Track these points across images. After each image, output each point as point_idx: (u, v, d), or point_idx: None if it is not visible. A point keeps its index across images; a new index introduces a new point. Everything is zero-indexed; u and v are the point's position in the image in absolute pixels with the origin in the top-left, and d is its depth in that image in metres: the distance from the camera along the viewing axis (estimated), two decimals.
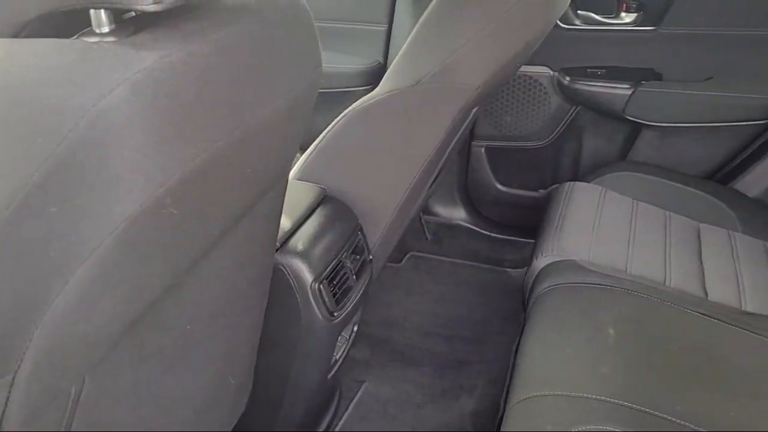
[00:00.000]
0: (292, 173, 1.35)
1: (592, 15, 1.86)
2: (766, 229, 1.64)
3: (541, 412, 1.06)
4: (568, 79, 1.90)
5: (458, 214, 2.16)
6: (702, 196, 1.73)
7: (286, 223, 1.18)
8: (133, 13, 0.58)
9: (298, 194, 1.27)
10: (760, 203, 1.79)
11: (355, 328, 1.39)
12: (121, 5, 0.52)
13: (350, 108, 1.28)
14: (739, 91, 1.81)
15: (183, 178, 0.54)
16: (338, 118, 1.29)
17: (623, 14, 1.84)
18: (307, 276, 1.14)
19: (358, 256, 1.30)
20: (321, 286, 1.16)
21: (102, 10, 0.54)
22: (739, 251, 1.54)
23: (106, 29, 0.55)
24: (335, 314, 1.19)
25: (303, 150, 1.36)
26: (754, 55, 1.79)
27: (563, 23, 1.86)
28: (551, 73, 1.92)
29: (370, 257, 1.35)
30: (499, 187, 2.11)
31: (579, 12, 1.87)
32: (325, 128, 1.30)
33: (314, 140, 1.32)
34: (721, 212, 1.68)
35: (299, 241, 1.17)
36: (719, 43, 1.80)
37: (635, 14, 1.82)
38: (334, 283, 1.21)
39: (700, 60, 1.82)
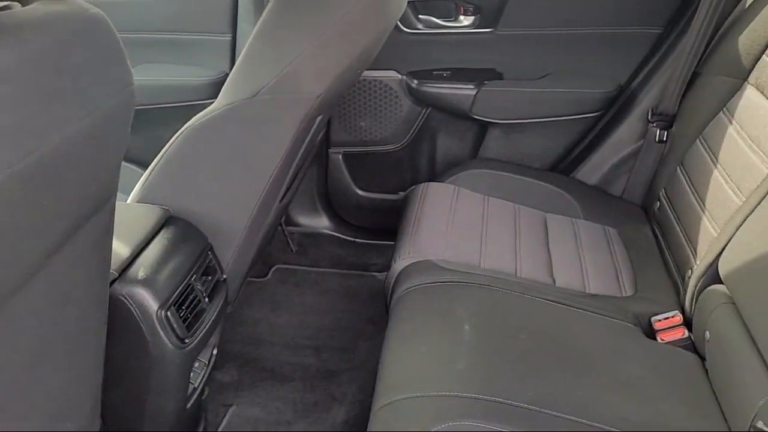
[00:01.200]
0: (132, 195, 1.28)
1: (433, 19, 1.92)
2: (605, 214, 1.75)
3: (402, 416, 1.07)
4: (415, 82, 1.94)
5: (321, 223, 2.15)
6: (547, 187, 1.83)
7: (124, 250, 1.12)
8: None
9: (138, 218, 1.20)
10: (598, 190, 1.91)
11: (215, 351, 1.33)
12: None
13: (187, 124, 1.23)
14: (572, 86, 1.92)
15: None
16: (175, 136, 1.24)
17: (462, 17, 1.90)
18: (152, 304, 1.09)
19: (209, 277, 1.26)
20: (168, 313, 1.10)
21: None
22: (582, 237, 1.63)
23: None
24: (187, 340, 1.14)
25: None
26: (583, 53, 1.91)
27: (406, 27, 1.90)
28: (399, 76, 1.95)
29: (224, 277, 1.31)
30: (360, 192, 2.12)
31: (420, 16, 1.91)
32: None
33: None
34: (564, 201, 1.78)
35: (140, 268, 1.11)
36: (552, 42, 1.90)
37: (473, 17, 1.89)
38: (184, 307, 1.15)
39: (535, 59, 1.92)
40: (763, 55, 1.46)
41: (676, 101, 1.74)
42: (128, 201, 1.28)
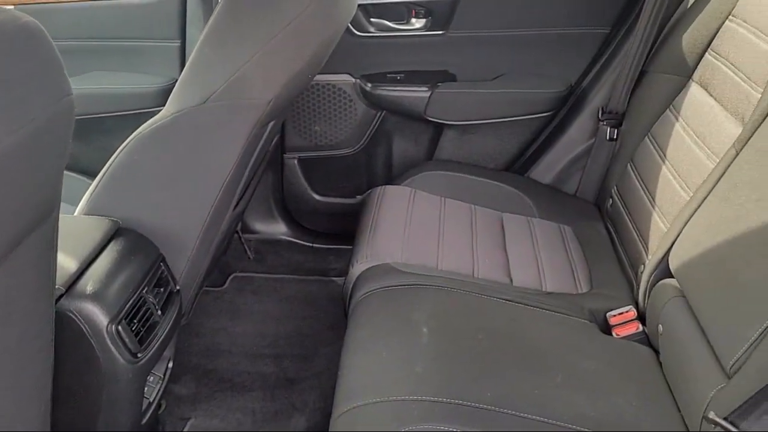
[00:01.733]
0: (79, 207, 1.25)
1: (385, 22, 1.91)
2: (560, 212, 1.78)
3: (362, 422, 1.06)
4: (369, 85, 1.94)
5: (278, 229, 2.13)
6: (502, 187, 1.84)
7: (71, 264, 1.08)
8: None
9: (85, 230, 1.17)
10: (553, 189, 1.94)
11: (170, 364, 1.31)
12: None
13: (135, 133, 1.20)
14: (524, 87, 1.94)
15: None
16: (123, 145, 1.21)
17: (413, 20, 1.91)
18: (101, 319, 1.06)
19: (162, 289, 1.23)
20: (119, 327, 1.08)
21: None
22: (538, 235, 1.65)
23: None
24: (139, 355, 1.11)
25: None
26: (534, 54, 1.93)
27: (358, 31, 1.89)
28: (353, 80, 1.94)
29: (177, 288, 1.28)
30: (317, 197, 2.10)
31: (372, 20, 1.91)
32: None
33: None
34: (520, 200, 1.80)
35: (89, 282, 1.08)
36: (503, 44, 1.92)
37: (424, 20, 1.90)
38: (136, 321, 1.13)
39: (487, 60, 1.94)
40: (706, 54, 1.50)
41: (624, 99, 1.78)
42: (75, 213, 1.24)
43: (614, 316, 1.39)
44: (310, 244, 2.12)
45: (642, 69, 1.74)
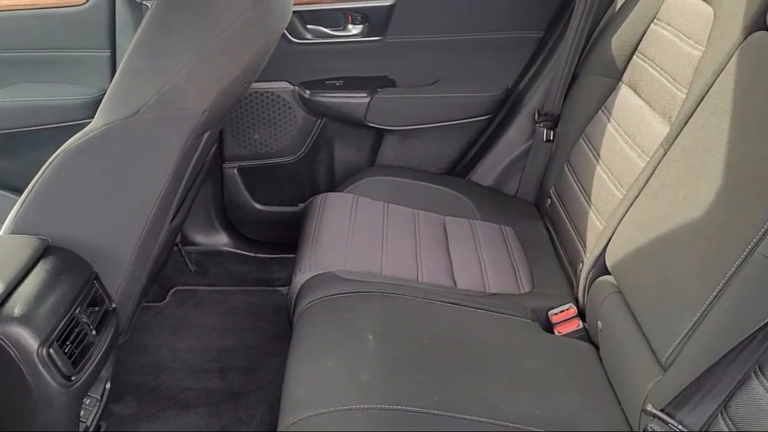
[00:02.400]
0: (4, 226, 1.19)
1: (322, 29, 1.90)
2: (501, 213, 1.80)
3: None
4: (308, 92, 1.92)
5: (220, 240, 2.08)
6: (444, 190, 1.86)
7: None
8: None
9: (11, 250, 1.12)
10: (494, 191, 1.96)
11: (108, 385, 1.26)
12: None
13: (62, 147, 1.16)
14: (463, 91, 1.96)
15: None
16: (50, 159, 1.16)
17: (350, 26, 1.90)
18: (31, 342, 1.02)
19: (96, 308, 1.19)
20: (51, 350, 1.04)
21: None
22: (480, 237, 1.67)
23: None
24: (73, 378, 1.08)
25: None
26: (471, 58, 1.95)
27: (295, 38, 1.88)
28: (292, 87, 1.93)
29: (113, 306, 1.24)
30: (258, 206, 2.07)
31: (308, 26, 1.89)
32: None
33: None
34: (461, 203, 1.81)
35: (16, 305, 1.04)
36: (440, 48, 1.93)
37: (361, 26, 1.90)
38: (69, 342, 1.09)
39: (425, 65, 1.95)
40: (634, 56, 1.54)
41: (559, 102, 1.82)
42: (0, 233, 1.19)
43: (556, 314, 1.42)
44: (253, 254, 2.09)
45: (575, 72, 1.79)
